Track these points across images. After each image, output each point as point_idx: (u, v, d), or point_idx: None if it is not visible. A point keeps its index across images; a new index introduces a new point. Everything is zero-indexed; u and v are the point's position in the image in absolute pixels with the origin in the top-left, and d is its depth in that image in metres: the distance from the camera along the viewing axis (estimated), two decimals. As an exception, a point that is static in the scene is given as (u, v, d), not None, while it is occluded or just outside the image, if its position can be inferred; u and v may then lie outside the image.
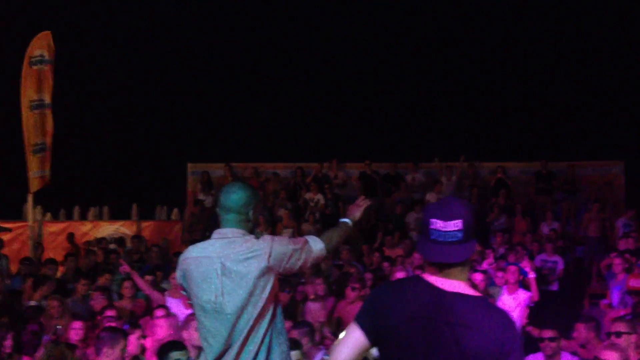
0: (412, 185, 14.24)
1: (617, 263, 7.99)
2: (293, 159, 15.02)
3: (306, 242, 3.27)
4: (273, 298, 3.17)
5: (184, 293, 3.31)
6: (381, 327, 2.48)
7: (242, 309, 3.08)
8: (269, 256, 3.10)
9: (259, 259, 3.08)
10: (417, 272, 7.68)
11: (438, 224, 2.45)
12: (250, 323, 3.09)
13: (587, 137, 16.28)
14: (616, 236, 11.38)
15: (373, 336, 2.50)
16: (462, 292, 2.45)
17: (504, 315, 2.47)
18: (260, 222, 2.98)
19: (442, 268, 2.47)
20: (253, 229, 3.26)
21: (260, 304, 3.10)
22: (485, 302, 2.51)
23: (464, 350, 2.36)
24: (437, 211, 2.49)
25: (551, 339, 5.23)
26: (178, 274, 3.29)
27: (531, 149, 15.63)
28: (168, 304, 6.92)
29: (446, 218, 2.45)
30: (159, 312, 6.20)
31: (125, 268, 7.89)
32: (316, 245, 3.29)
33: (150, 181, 16.46)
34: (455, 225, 2.44)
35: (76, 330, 5.84)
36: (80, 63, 16.74)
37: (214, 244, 3.18)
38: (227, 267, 3.09)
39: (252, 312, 3.09)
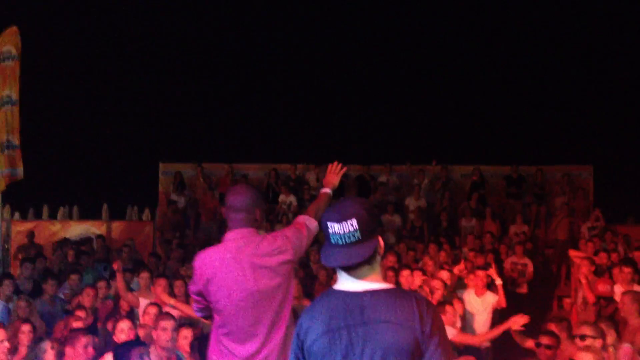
0: (386, 188, 14.30)
1: (584, 265, 8.12)
2: (267, 160, 14.98)
3: (304, 225, 3.58)
4: (292, 287, 3.51)
5: (197, 298, 3.47)
6: (303, 353, 2.48)
7: (274, 300, 3.35)
8: (293, 250, 3.43)
9: (286, 253, 3.39)
10: (389, 273, 7.72)
11: (334, 226, 2.43)
12: (281, 312, 3.37)
13: (556, 142, 16.53)
14: (583, 239, 11.58)
15: None
16: (372, 288, 2.43)
17: (419, 300, 2.44)
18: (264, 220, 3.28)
19: (349, 270, 2.45)
20: (259, 227, 3.50)
21: (288, 294, 3.42)
22: (399, 292, 2.47)
23: (384, 345, 2.35)
24: (332, 214, 2.47)
25: (547, 347, 5.27)
26: (199, 280, 3.40)
27: (501, 153, 15.81)
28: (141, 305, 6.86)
29: (340, 219, 2.43)
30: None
31: (117, 267, 7.67)
32: (311, 224, 3.61)
33: (121, 181, 16.27)
34: (351, 225, 2.41)
35: (25, 334, 5.72)
36: (50, 60, 16.47)
37: (233, 246, 3.38)
38: (256, 263, 3.33)
39: (283, 302, 3.38)
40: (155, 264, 9.72)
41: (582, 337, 5.03)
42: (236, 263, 3.33)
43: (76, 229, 13.48)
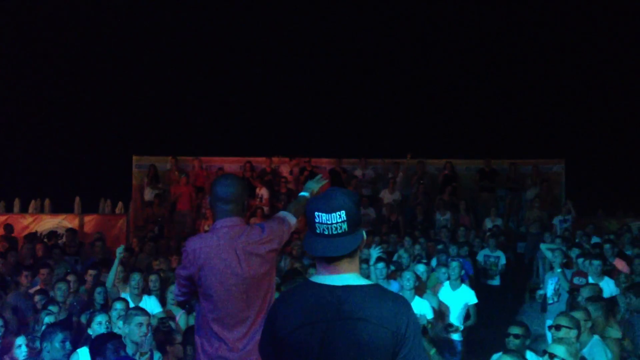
0: (362, 181, 14.34)
1: (556, 256, 8.25)
2: (242, 153, 14.92)
3: (286, 220, 3.68)
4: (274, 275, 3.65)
5: (185, 282, 3.49)
6: (276, 343, 2.45)
7: (262, 286, 3.45)
8: (278, 240, 3.54)
9: (272, 242, 3.49)
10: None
11: (322, 216, 2.41)
12: (266, 298, 3.47)
13: (529, 136, 16.74)
14: (554, 232, 11.76)
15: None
16: (353, 283, 2.42)
17: (397, 300, 2.43)
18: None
19: (330, 262, 2.43)
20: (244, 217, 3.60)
21: (272, 281, 3.55)
22: (378, 290, 2.45)
23: (359, 342, 2.33)
24: (320, 204, 2.44)
25: (516, 336, 5.36)
26: (191, 265, 3.43)
27: (475, 147, 15.97)
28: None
29: (329, 210, 2.40)
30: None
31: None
32: (291, 220, 3.72)
33: (93, 174, 16.06)
34: (339, 216, 2.39)
35: None
36: (22, 51, 16.19)
37: (225, 234, 3.44)
38: (248, 250, 3.41)
39: (268, 288, 3.50)
40: (128, 258, 9.63)
41: (557, 328, 5.11)
42: (230, 249, 3.40)
43: (48, 223, 13.30)
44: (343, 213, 2.40)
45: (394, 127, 17.77)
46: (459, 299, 7.66)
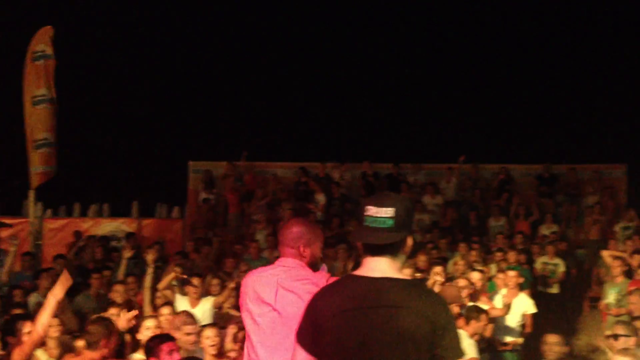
0: (414, 187, 14.19)
1: (616, 265, 7.98)
2: (295, 159, 15.00)
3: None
4: None
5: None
6: (315, 330, 2.49)
7: (289, 326, 3.34)
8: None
9: (314, 286, 3.28)
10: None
11: (371, 210, 2.51)
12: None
13: (589, 140, 16.25)
14: (617, 240, 11.36)
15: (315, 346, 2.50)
16: (392, 276, 2.48)
17: (436, 297, 2.53)
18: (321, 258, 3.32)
19: (373, 254, 2.51)
20: (312, 264, 3.52)
21: None
22: (418, 284, 2.56)
23: (397, 330, 2.36)
24: (373, 200, 2.55)
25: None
26: (245, 294, 3.53)
27: (534, 152, 15.61)
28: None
29: (379, 205, 2.51)
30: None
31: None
32: None
33: (151, 179, 16.43)
34: (386, 212, 2.48)
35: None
36: (85, 59, 16.73)
37: (274, 268, 3.51)
38: (285, 285, 3.40)
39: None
40: (184, 262, 9.80)
41: (616, 337, 4.96)
42: (268, 282, 3.45)
43: (107, 227, 13.66)
44: (391, 210, 2.49)
45: (450, 131, 17.56)
46: (516, 308, 7.49)
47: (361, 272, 2.53)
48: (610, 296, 7.91)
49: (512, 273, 7.66)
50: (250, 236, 12.07)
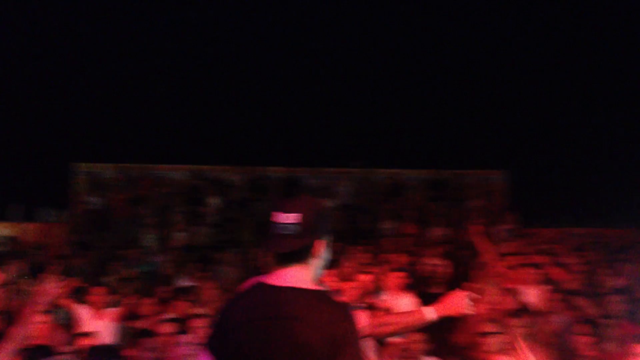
0: (311, 190, 14.31)
1: (492, 266, 8.34)
2: (190, 162, 14.70)
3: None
4: None
5: None
6: (222, 340, 2.46)
7: None
8: None
9: None
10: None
11: (278, 215, 2.47)
12: None
13: (473, 147, 17.06)
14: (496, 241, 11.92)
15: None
16: (298, 286, 2.44)
17: (341, 308, 2.42)
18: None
19: (281, 261, 2.49)
20: None
21: None
22: (322, 296, 2.45)
23: (296, 343, 2.33)
24: (281, 204, 2.51)
25: None
26: None
27: (422, 157, 16.17)
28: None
29: (286, 210, 2.47)
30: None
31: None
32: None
33: (32, 181, 15.58)
34: (292, 217, 2.45)
35: None
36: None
37: None
38: None
39: None
40: (64, 267, 9.32)
41: (488, 335, 5.17)
42: None
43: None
44: (297, 216, 2.45)
45: (342, 135, 17.84)
46: (401, 308, 7.66)
47: (270, 279, 2.49)
48: (486, 295, 8.26)
49: (398, 274, 7.83)
50: (139, 240, 11.71)
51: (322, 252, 2.52)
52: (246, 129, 17.05)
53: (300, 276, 2.47)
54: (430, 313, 3.27)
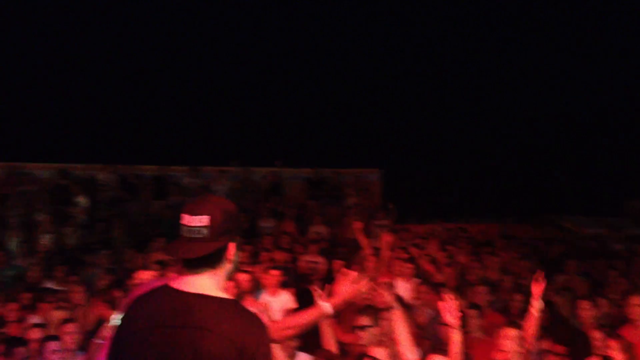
0: (186, 190, 14.00)
1: (370, 261, 8.63)
2: (56, 159, 13.94)
3: None
4: None
5: None
6: (122, 343, 2.32)
7: None
8: None
9: None
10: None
11: (186, 218, 2.35)
12: None
13: (349, 147, 17.52)
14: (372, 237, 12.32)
15: None
16: (207, 294, 2.32)
17: (252, 319, 2.32)
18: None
19: (189, 268, 2.36)
20: None
21: None
22: (234, 305, 2.35)
23: (201, 355, 2.21)
24: (189, 207, 2.38)
25: None
26: None
27: (301, 156, 16.36)
28: None
29: (194, 213, 2.34)
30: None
31: None
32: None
33: None
34: (200, 220, 2.32)
35: None
36: None
37: None
38: None
39: None
40: None
41: (362, 328, 5.31)
42: None
43: None
44: (207, 218, 2.32)
45: (220, 134, 17.65)
46: (277, 305, 7.72)
47: (177, 284, 2.35)
48: (362, 288, 8.52)
49: (274, 272, 7.88)
50: (2, 243, 10.93)
51: (233, 254, 2.42)
52: (117, 126, 16.41)
53: (211, 283, 2.35)
54: (328, 307, 3.32)
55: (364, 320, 5.42)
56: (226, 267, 2.41)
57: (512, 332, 4.95)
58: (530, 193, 17.68)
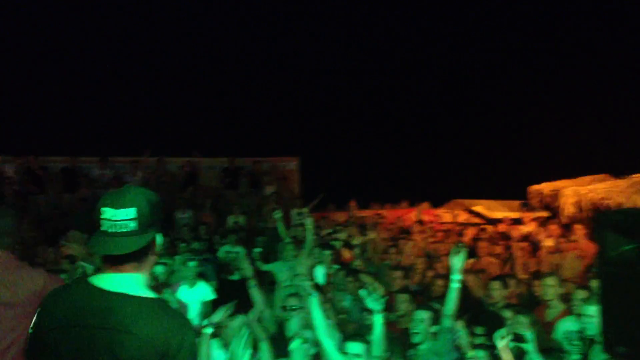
0: (98, 182, 13.50)
1: (289, 249, 8.66)
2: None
3: None
4: None
5: None
6: (37, 341, 2.21)
7: None
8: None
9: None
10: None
11: (108, 212, 2.22)
12: None
13: (267, 136, 17.47)
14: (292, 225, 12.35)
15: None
16: (130, 292, 2.22)
17: (175, 319, 2.24)
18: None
19: (114, 263, 2.24)
20: None
21: None
22: (157, 305, 2.25)
23: (119, 356, 2.12)
24: (109, 199, 2.25)
25: None
26: None
27: (217, 145, 16.17)
28: None
29: (117, 206, 2.22)
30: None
31: None
32: None
33: None
34: (126, 213, 2.21)
35: None
36: None
37: None
38: None
39: None
40: None
41: (286, 309, 5.32)
42: None
43: None
44: (133, 211, 2.21)
45: (135, 124, 17.17)
46: (196, 296, 7.63)
47: (97, 280, 2.22)
48: (282, 274, 8.55)
49: (191, 264, 7.78)
50: None
51: (160, 246, 2.33)
52: (23, 116, 15.62)
53: (135, 279, 2.25)
54: None
55: (292, 301, 5.49)
56: (150, 260, 2.32)
57: (424, 314, 5.06)
58: (443, 179, 18.26)
